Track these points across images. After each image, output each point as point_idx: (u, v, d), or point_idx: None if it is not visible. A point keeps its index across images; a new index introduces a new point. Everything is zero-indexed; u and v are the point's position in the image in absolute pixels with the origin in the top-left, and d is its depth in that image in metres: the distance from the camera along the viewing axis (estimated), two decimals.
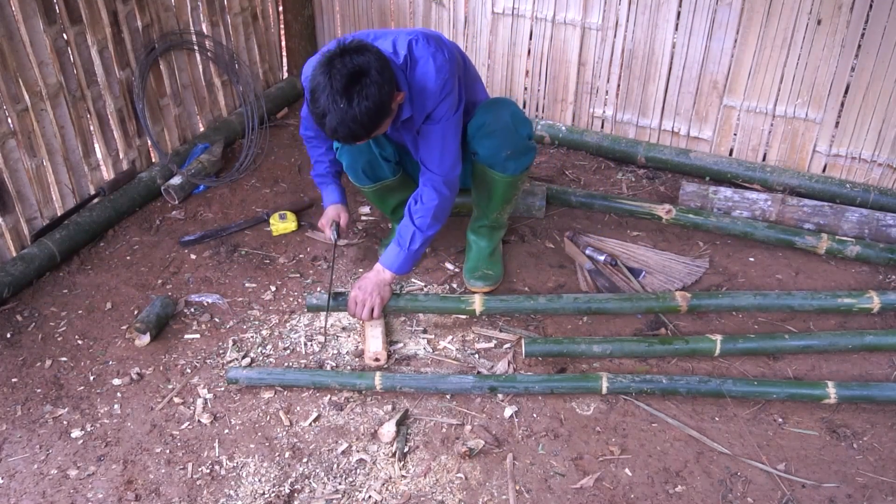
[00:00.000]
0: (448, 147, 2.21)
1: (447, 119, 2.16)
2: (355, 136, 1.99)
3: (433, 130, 2.18)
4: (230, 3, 3.22)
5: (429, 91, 2.11)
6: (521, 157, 2.35)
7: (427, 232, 2.27)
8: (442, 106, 2.14)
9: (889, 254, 2.57)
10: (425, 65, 2.09)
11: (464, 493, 1.90)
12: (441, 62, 2.09)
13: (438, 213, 2.27)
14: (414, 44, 2.10)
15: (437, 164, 2.22)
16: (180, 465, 1.97)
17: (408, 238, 2.26)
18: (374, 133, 2.02)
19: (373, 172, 2.40)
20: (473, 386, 2.14)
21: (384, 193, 2.50)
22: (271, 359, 2.29)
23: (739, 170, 3.00)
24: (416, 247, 2.28)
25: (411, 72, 2.11)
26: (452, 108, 2.17)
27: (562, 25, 3.10)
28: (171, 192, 2.92)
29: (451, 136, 2.20)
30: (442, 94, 2.11)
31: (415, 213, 2.26)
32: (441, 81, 2.10)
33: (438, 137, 2.19)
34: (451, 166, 2.24)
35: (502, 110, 2.29)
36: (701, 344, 2.24)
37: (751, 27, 2.79)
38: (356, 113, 1.91)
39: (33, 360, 2.27)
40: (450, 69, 2.12)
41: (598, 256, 2.61)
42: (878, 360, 2.26)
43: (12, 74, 2.39)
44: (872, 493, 1.90)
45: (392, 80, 1.99)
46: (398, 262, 2.28)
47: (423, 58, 2.09)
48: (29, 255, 2.52)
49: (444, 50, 2.13)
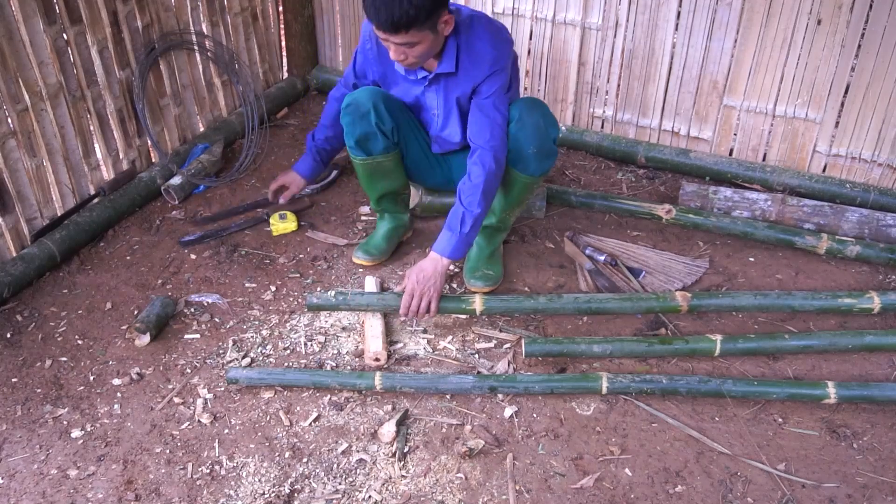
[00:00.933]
0: (498, 121, 2.24)
1: (499, 94, 2.22)
2: (394, 21, 1.97)
3: (485, 104, 2.22)
4: (230, 3, 3.22)
5: (483, 59, 2.17)
6: (545, 160, 2.34)
7: (475, 210, 2.23)
8: (494, 79, 2.20)
9: (889, 254, 2.57)
10: (484, 35, 2.17)
11: (464, 493, 1.90)
12: (500, 41, 2.19)
13: (487, 189, 2.24)
14: (476, 17, 2.20)
15: (488, 137, 2.22)
16: (180, 465, 1.97)
17: (458, 221, 2.23)
18: (412, 29, 2.01)
19: (366, 145, 2.40)
20: (473, 386, 2.14)
21: (373, 172, 2.48)
22: (271, 359, 2.29)
23: (739, 170, 3.00)
24: (468, 229, 2.24)
25: (468, 35, 2.17)
26: (505, 86, 2.23)
27: (562, 25, 3.10)
28: (171, 192, 2.92)
29: (501, 110, 2.24)
30: (497, 65, 2.17)
31: (463, 195, 2.24)
32: (497, 53, 2.17)
33: (490, 111, 2.22)
34: (502, 141, 2.26)
35: (535, 109, 2.30)
36: (701, 344, 2.24)
37: (751, 27, 2.79)
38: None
39: (33, 360, 2.27)
40: (508, 46, 2.21)
41: (598, 256, 2.61)
42: (878, 360, 2.26)
43: (12, 74, 2.39)
44: (872, 493, 1.90)
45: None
46: (451, 246, 2.25)
47: (483, 29, 2.18)
48: (29, 255, 2.52)
49: (505, 32, 2.22)
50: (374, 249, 2.61)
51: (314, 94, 3.75)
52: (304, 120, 3.54)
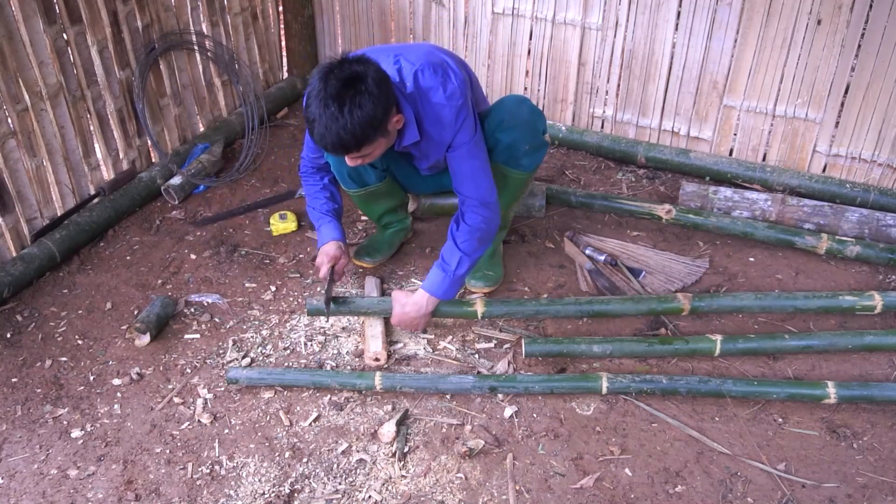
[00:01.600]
0: (477, 170, 2.17)
1: (469, 142, 2.12)
2: (343, 146, 1.92)
3: (459, 156, 2.14)
4: (230, 3, 3.22)
5: (445, 121, 2.07)
6: (536, 153, 2.34)
7: (474, 255, 2.21)
8: (462, 133, 2.10)
9: (889, 254, 2.57)
10: (436, 95, 2.04)
11: (464, 493, 1.90)
12: (451, 91, 2.05)
13: (483, 235, 2.21)
14: (420, 75, 2.05)
15: (472, 188, 2.17)
16: (180, 465, 1.97)
17: (454, 262, 2.19)
18: (363, 148, 1.94)
19: (359, 178, 2.37)
20: (473, 386, 2.14)
21: (370, 199, 2.48)
22: (271, 359, 2.29)
23: (739, 170, 3.00)
24: (463, 271, 2.21)
25: (421, 102, 2.06)
26: (472, 131, 2.12)
27: (562, 25, 3.10)
28: (171, 192, 2.92)
29: (477, 156, 2.16)
30: (458, 122, 2.07)
31: (458, 237, 2.19)
32: (455, 109, 2.05)
33: (466, 163, 2.15)
34: (487, 188, 2.19)
35: (520, 106, 2.28)
36: (701, 344, 2.24)
37: (751, 27, 2.79)
38: (346, 121, 1.85)
39: (33, 360, 2.27)
40: (462, 94, 2.07)
41: (598, 256, 2.61)
42: (878, 360, 2.26)
43: (12, 74, 2.39)
44: (872, 493, 1.90)
45: (389, 99, 1.93)
46: (444, 287, 2.21)
47: (433, 88, 2.05)
48: (29, 255, 2.52)
49: (452, 76, 2.08)
50: (377, 252, 2.61)
51: None
52: (303, 120, 3.53)
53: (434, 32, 3.35)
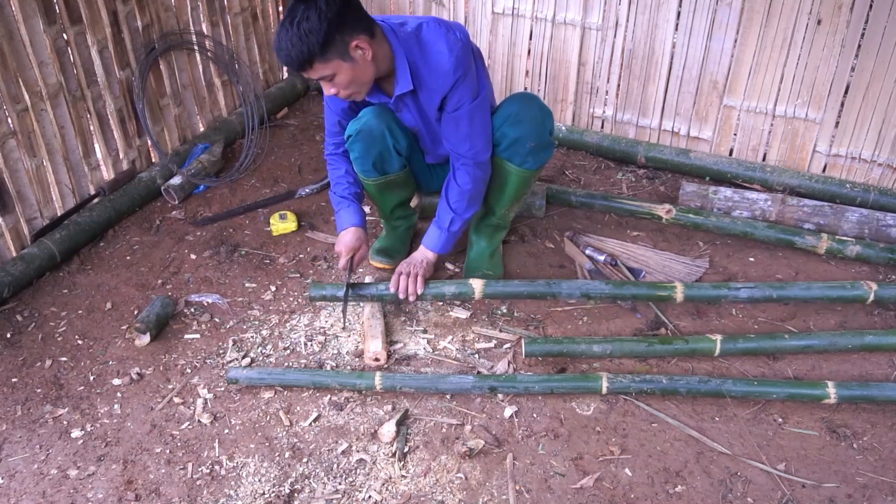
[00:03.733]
0: (476, 130, 2.21)
1: (470, 103, 2.15)
2: (291, 59, 1.96)
3: (459, 115, 2.17)
4: (230, 3, 3.22)
5: (441, 69, 2.09)
6: (542, 152, 2.34)
7: (465, 215, 2.36)
8: (460, 89, 2.12)
9: (889, 254, 2.57)
10: (435, 44, 2.09)
11: (464, 493, 1.90)
12: (453, 41, 2.08)
13: (474, 195, 2.33)
14: (424, 25, 2.11)
15: (466, 146, 2.22)
16: (180, 465, 1.97)
17: (447, 220, 2.35)
18: (315, 62, 1.96)
19: (382, 165, 2.37)
20: (473, 386, 2.14)
21: (387, 189, 2.47)
22: (271, 359, 2.29)
23: (739, 170, 3.00)
24: (456, 228, 2.37)
25: (420, 49, 2.10)
26: (473, 93, 2.15)
27: (562, 25, 3.10)
28: (171, 192, 2.92)
29: (478, 118, 2.19)
30: (455, 73, 2.09)
31: (451, 198, 2.32)
32: (453, 60, 2.07)
33: (465, 121, 2.18)
34: (482, 148, 2.25)
35: (531, 101, 2.30)
36: (701, 344, 2.24)
37: (751, 27, 2.79)
38: (293, 33, 1.92)
39: (33, 360, 2.27)
40: (461, 49, 2.09)
41: (598, 256, 2.61)
42: (878, 360, 2.26)
43: (12, 74, 2.39)
44: (872, 493, 1.90)
45: (344, 18, 1.96)
46: (440, 242, 2.38)
47: (434, 38, 2.09)
48: (29, 255, 2.52)
49: (456, 32, 2.12)
50: (394, 251, 2.61)
51: (314, 93, 3.75)
52: (303, 120, 3.54)
53: None
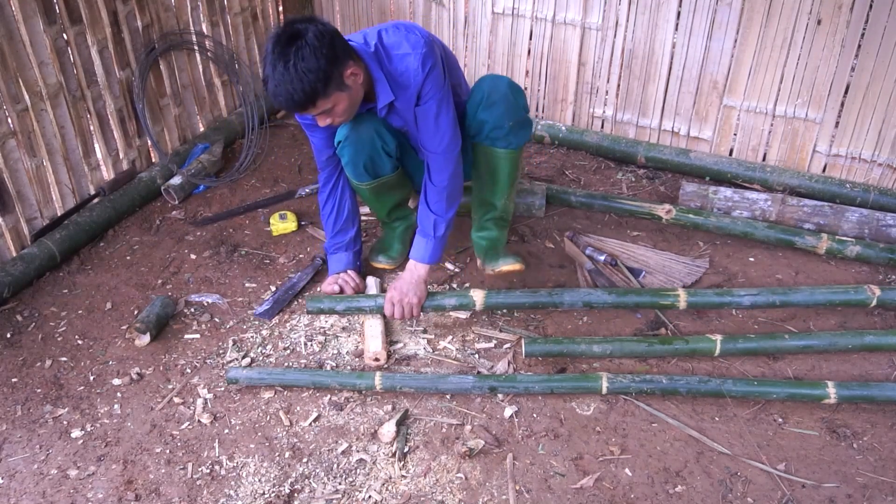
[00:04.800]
0: (442, 121, 2.19)
1: (436, 93, 2.14)
2: (294, 101, 1.95)
3: (427, 109, 2.17)
4: (230, 3, 3.22)
5: (410, 70, 2.10)
6: (521, 130, 2.34)
7: (446, 215, 2.29)
8: (427, 83, 2.11)
9: (889, 254, 2.57)
10: (398, 47, 2.09)
11: (464, 493, 1.90)
12: (414, 41, 2.09)
13: (451, 191, 2.28)
14: (384, 33, 2.11)
15: (436, 142, 2.21)
16: (180, 465, 1.97)
17: (430, 226, 2.29)
18: (318, 101, 1.96)
19: (373, 168, 2.37)
20: (473, 386, 2.14)
21: (382, 191, 2.48)
22: (271, 359, 2.29)
23: (739, 170, 3.00)
24: (441, 233, 2.30)
25: (387, 57, 2.10)
26: (440, 83, 2.14)
27: (562, 25, 3.10)
28: (171, 192, 2.92)
29: (444, 109, 2.18)
30: (424, 69, 2.09)
31: (430, 201, 2.28)
32: (420, 57, 2.08)
33: (432, 115, 2.17)
34: (450, 142, 2.22)
35: (499, 82, 2.30)
36: (701, 344, 2.24)
37: (751, 27, 2.79)
38: (291, 75, 1.90)
39: (33, 360, 2.27)
40: (426, 44, 2.10)
41: (598, 256, 2.61)
42: (878, 360, 2.26)
43: (12, 74, 2.39)
44: (872, 493, 1.90)
45: (336, 50, 1.95)
46: (428, 252, 2.30)
47: (396, 42, 2.10)
48: (29, 255, 2.52)
49: (416, 31, 2.13)
50: (395, 252, 2.61)
51: None
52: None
53: (434, 32, 3.34)
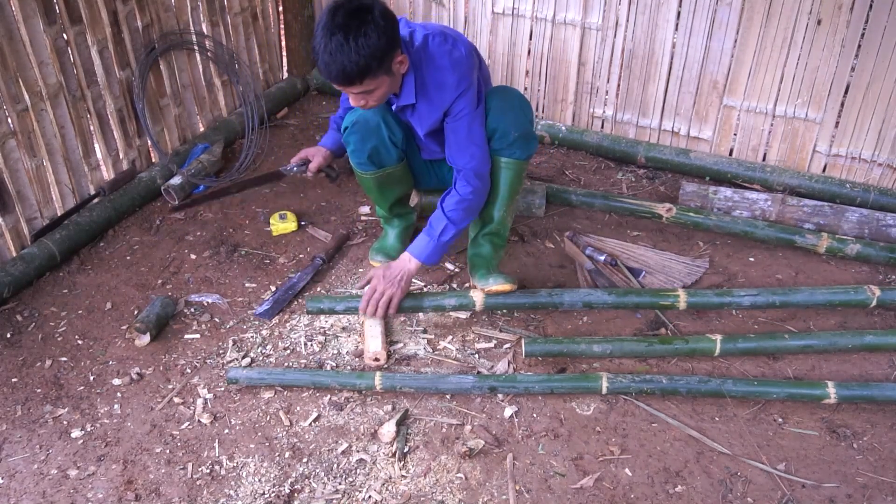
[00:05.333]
0: (475, 140, 2.22)
1: (470, 113, 2.18)
2: (346, 75, 1.93)
3: (459, 126, 2.19)
4: (230, 3, 3.22)
5: (446, 85, 2.12)
6: (526, 143, 2.34)
7: (460, 225, 2.28)
8: (462, 100, 2.14)
9: (889, 253, 2.57)
10: (441, 59, 2.10)
11: (464, 493, 1.90)
12: (458, 57, 2.11)
13: (471, 206, 2.28)
14: (430, 39, 2.11)
15: (467, 158, 2.23)
16: (180, 465, 1.97)
17: (439, 228, 2.26)
18: (366, 80, 1.96)
19: (378, 158, 2.37)
20: (473, 386, 2.14)
21: (385, 183, 2.47)
22: (271, 359, 2.29)
23: (739, 170, 3.00)
24: (447, 238, 2.28)
25: (425, 64, 2.12)
26: (474, 103, 2.18)
27: (562, 25, 3.10)
28: (171, 192, 2.92)
29: (476, 129, 2.22)
30: (459, 87, 2.12)
31: (447, 206, 2.27)
32: (458, 76, 2.11)
33: (464, 132, 2.19)
34: (482, 159, 2.25)
35: (510, 93, 2.31)
36: (701, 344, 2.24)
37: (751, 27, 2.79)
38: (351, 49, 1.88)
39: (33, 360, 2.27)
40: (467, 63, 2.13)
41: (598, 256, 2.61)
42: (878, 360, 2.26)
43: (12, 74, 2.39)
44: (872, 493, 1.90)
45: (395, 35, 1.96)
46: (427, 251, 2.27)
47: (439, 53, 2.11)
48: (29, 255, 2.52)
49: (461, 46, 2.14)
50: (392, 251, 2.60)
51: (314, 93, 3.75)
52: (304, 120, 3.54)
53: None
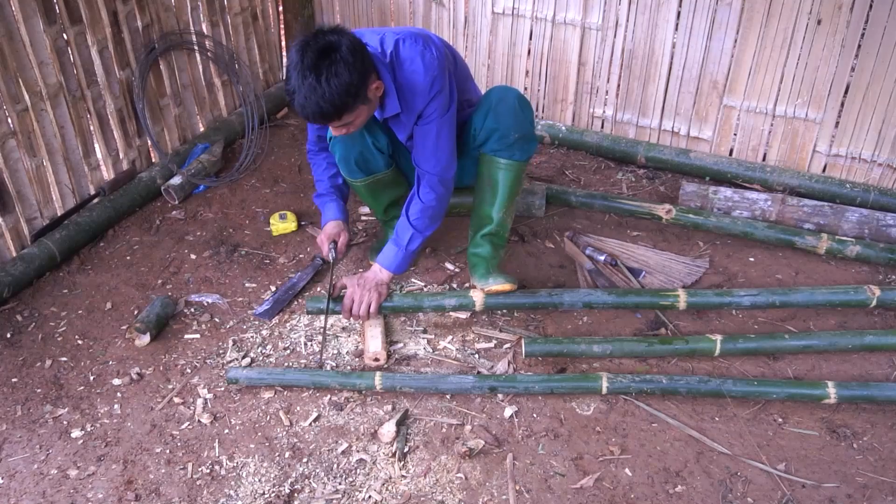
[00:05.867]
0: (441, 145, 2.21)
1: (439, 117, 2.16)
2: (323, 115, 1.95)
3: (426, 130, 2.19)
4: (230, 3, 3.22)
5: (418, 88, 2.11)
6: (526, 144, 2.34)
7: (425, 232, 2.30)
8: (433, 104, 2.14)
9: (889, 253, 2.57)
10: (412, 63, 2.09)
11: (464, 493, 1.90)
12: (429, 60, 2.10)
13: (436, 213, 2.30)
14: (401, 43, 2.10)
15: (432, 163, 2.22)
16: (180, 465, 1.97)
17: (406, 238, 2.28)
18: (344, 115, 1.98)
19: (365, 165, 2.37)
20: (473, 386, 2.14)
21: (377, 188, 2.47)
22: (271, 359, 2.29)
23: (739, 170, 3.00)
24: (415, 247, 2.30)
25: (399, 70, 2.11)
26: (444, 107, 2.17)
27: (562, 25, 3.10)
28: (171, 192, 2.92)
29: (444, 134, 2.21)
30: (431, 91, 2.11)
31: (412, 214, 2.28)
32: (430, 79, 2.10)
33: (432, 136, 2.19)
34: (446, 165, 2.25)
35: (509, 93, 2.31)
36: (701, 344, 2.24)
37: (751, 27, 2.79)
38: (324, 90, 1.89)
39: (33, 360, 2.27)
40: (439, 66, 2.11)
41: (598, 256, 2.61)
42: (878, 360, 2.26)
43: (12, 74, 2.39)
44: (872, 493, 1.90)
45: (366, 65, 1.97)
46: (396, 261, 2.30)
47: (411, 57, 2.10)
48: (29, 255, 2.52)
49: (433, 48, 2.13)
50: None
51: None
52: (303, 120, 3.53)
53: (434, 32, 3.34)
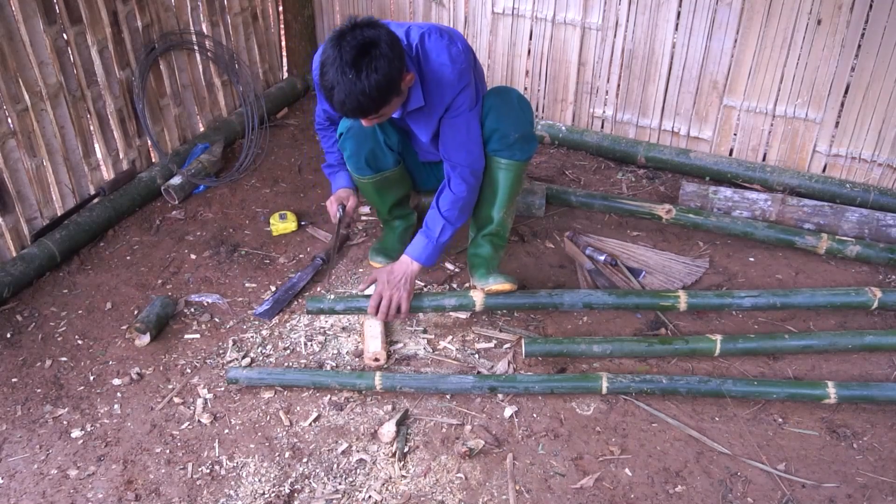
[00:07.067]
0: (473, 137, 2.23)
1: (468, 110, 2.18)
2: (363, 110, 1.95)
3: (457, 123, 2.19)
4: (230, 3, 3.22)
5: (445, 81, 2.11)
6: (527, 144, 2.34)
7: (456, 224, 2.29)
8: (461, 96, 2.15)
9: (889, 253, 2.57)
10: (439, 55, 2.10)
11: (464, 493, 1.90)
12: (456, 53, 2.11)
13: (466, 204, 2.30)
14: (427, 37, 2.11)
15: (463, 155, 2.23)
16: (180, 465, 1.97)
17: (437, 229, 2.26)
18: (382, 109, 1.99)
19: (375, 162, 2.38)
20: (473, 386, 2.14)
21: (384, 187, 2.48)
22: (271, 359, 2.29)
23: (739, 170, 3.00)
24: (446, 238, 2.28)
25: (425, 63, 2.11)
26: (472, 100, 2.19)
27: (562, 25, 3.10)
28: (171, 192, 2.92)
29: (474, 126, 2.23)
30: (460, 83, 2.12)
31: (443, 206, 2.27)
32: (458, 72, 2.11)
33: (463, 129, 2.20)
34: (477, 157, 2.26)
35: (509, 93, 2.31)
36: (701, 344, 2.24)
37: (751, 27, 2.79)
38: (364, 85, 1.88)
39: (33, 360, 2.27)
40: (466, 60, 2.13)
41: (598, 256, 2.61)
42: (878, 360, 2.26)
43: (12, 74, 2.39)
44: (872, 493, 1.90)
45: (402, 58, 1.97)
46: (426, 253, 2.27)
47: (436, 49, 2.10)
48: (29, 255, 2.52)
49: (458, 43, 2.14)
50: (393, 251, 2.59)
51: (314, 93, 3.75)
52: (303, 120, 3.54)
53: None
